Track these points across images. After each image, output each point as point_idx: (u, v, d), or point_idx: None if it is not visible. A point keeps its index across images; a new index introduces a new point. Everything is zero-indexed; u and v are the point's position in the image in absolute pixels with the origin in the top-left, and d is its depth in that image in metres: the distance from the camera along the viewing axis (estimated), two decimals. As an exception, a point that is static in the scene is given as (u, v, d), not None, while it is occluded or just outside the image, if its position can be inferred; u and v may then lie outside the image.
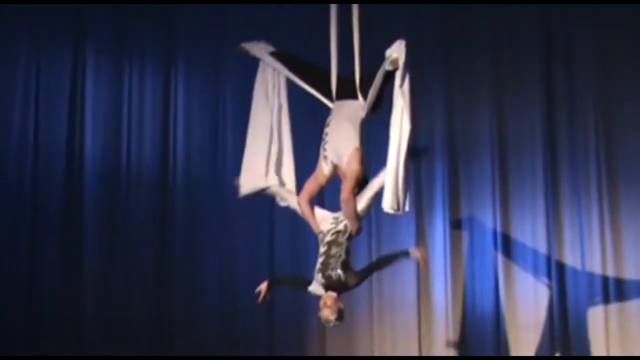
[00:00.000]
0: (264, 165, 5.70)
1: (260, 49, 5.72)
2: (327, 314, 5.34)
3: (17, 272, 7.23)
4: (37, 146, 7.41)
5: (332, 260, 5.37)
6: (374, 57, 5.48)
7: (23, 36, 7.46)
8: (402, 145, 5.15)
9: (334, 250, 5.40)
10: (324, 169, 5.43)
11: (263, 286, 5.66)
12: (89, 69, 7.65)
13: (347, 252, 5.41)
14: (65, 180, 7.51)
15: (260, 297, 5.65)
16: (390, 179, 5.17)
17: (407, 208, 5.22)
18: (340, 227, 5.45)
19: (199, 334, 7.62)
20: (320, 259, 5.42)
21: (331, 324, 5.38)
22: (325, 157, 5.40)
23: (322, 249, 5.44)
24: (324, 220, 5.53)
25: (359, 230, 5.47)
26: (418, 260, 5.77)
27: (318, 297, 5.47)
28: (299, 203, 5.57)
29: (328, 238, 5.45)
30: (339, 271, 5.35)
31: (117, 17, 7.71)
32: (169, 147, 7.83)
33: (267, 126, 5.71)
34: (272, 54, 5.68)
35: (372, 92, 5.27)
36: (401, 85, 5.14)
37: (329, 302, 5.34)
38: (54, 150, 7.49)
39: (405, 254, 5.68)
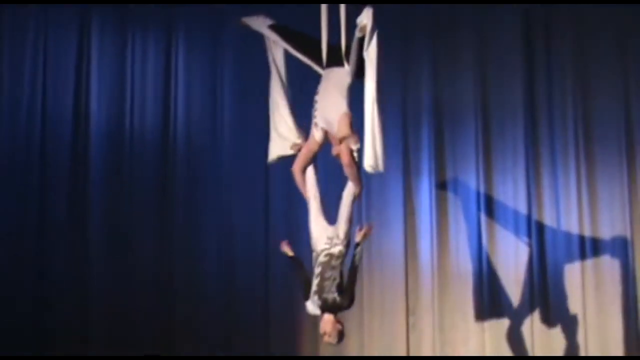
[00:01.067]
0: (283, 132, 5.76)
1: (259, 23, 5.85)
2: (329, 340, 5.34)
3: (25, 229, 7.29)
4: (44, 112, 7.42)
5: (327, 284, 5.32)
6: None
7: (31, 8, 7.44)
8: (374, 108, 5.18)
9: (328, 273, 5.35)
10: (316, 135, 5.52)
11: (289, 252, 5.69)
12: (94, 37, 7.61)
13: (342, 274, 5.36)
14: (71, 144, 7.48)
15: (283, 248, 5.73)
16: (367, 139, 5.20)
17: (381, 167, 5.22)
18: (334, 251, 5.39)
19: (199, 285, 7.63)
20: (316, 281, 5.36)
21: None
22: (316, 124, 5.49)
23: (316, 271, 5.38)
24: (319, 240, 5.46)
25: (361, 191, 5.53)
26: (367, 235, 5.62)
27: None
28: (292, 171, 5.62)
29: (321, 259, 5.39)
30: (335, 294, 5.31)
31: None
32: (170, 111, 7.71)
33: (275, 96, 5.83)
34: (270, 27, 5.80)
35: (352, 58, 5.35)
36: (366, 49, 5.21)
37: (328, 329, 5.32)
38: (61, 115, 7.48)
39: (357, 245, 5.51)
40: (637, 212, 7.52)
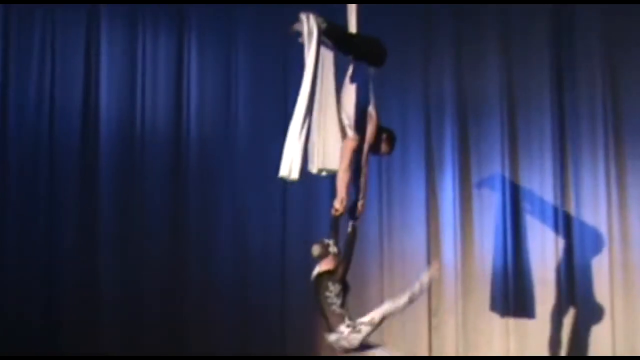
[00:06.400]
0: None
1: (311, 25, 5.52)
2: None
3: (35, 222, 7.50)
4: (53, 106, 7.63)
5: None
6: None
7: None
8: (298, 116, 5.30)
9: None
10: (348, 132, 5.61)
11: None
12: (104, 28, 7.80)
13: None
14: (81, 136, 7.70)
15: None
16: (286, 146, 5.31)
17: (295, 176, 5.29)
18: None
19: (213, 282, 7.78)
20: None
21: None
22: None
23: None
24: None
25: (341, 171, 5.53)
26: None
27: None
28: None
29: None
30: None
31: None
32: (182, 104, 7.95)
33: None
34: (324, 33, 5.51)
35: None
36: (306, 56, 5.34)
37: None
38: (69, 109, 7.68)
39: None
40: (667, 208, 7.60)
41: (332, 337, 5.36)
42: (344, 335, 5.32)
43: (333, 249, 5.49)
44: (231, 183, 7.91)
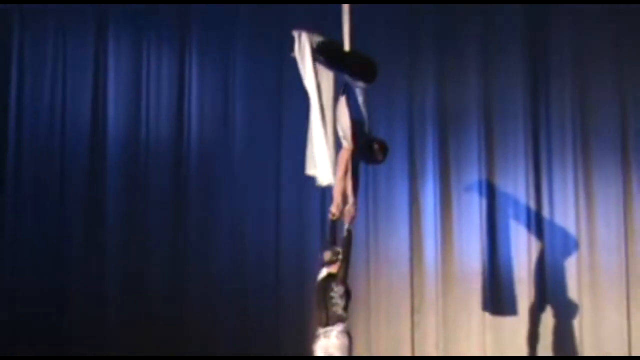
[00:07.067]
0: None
1: (306, 49, 5.43)
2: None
3: (44, 225, 7.47)
4: (64, 118, 7.62)
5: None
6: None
7: (51, 20, 7.63)
8: (314, 129, 5.37)
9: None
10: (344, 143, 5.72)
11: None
12: (111, 49, 7.74)
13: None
14: (89, 145, 7.60)
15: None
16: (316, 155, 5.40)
17: (330, 180, 5.40)
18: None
19: (212, 284, 7.83)
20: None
21: None
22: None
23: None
24: None
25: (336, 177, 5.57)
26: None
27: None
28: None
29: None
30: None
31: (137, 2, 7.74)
32: (184, 115, 7.88)
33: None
34: (318, 54, 5.45)
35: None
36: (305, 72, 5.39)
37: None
38: (79, 121, 7.67)
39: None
40: (630, 214, 7.62)
41: (322, 330, 5.49)
42: (335, 333, 5.46)
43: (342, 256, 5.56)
44: (229, 190, 7.88)
